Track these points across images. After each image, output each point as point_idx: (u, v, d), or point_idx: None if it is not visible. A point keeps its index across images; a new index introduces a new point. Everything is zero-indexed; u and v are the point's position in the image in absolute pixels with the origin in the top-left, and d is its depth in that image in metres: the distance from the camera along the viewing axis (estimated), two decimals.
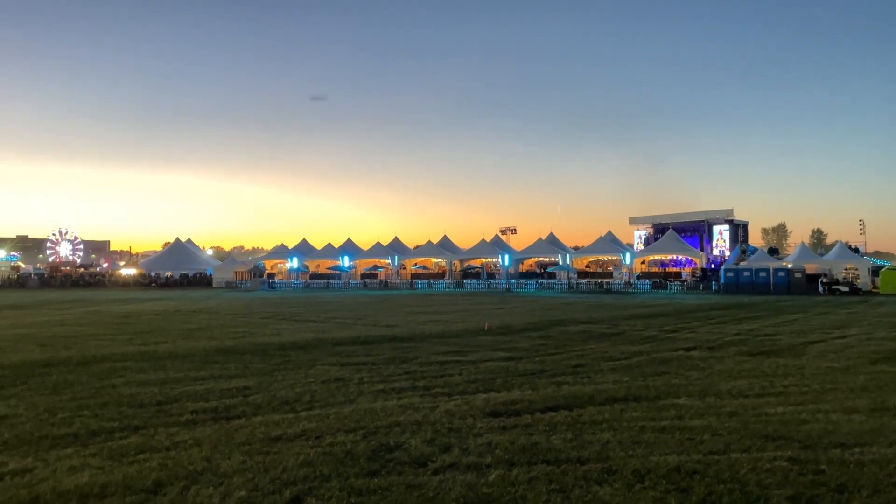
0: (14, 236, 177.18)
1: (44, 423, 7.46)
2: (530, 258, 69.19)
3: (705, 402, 8.52)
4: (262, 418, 7.68)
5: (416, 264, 72.24)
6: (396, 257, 70.49)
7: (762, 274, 48.26)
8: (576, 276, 61.35)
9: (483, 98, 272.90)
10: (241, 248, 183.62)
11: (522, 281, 60.14)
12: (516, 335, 17.22)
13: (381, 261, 71.90)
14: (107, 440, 6.73)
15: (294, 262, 71.68)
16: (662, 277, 58.67)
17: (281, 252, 77.54)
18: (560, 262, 63.58)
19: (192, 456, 6.11)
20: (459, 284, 61.62)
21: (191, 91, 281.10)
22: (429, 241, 73.82)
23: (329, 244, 75.64)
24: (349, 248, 73.46)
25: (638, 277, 58.73)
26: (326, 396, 8.96)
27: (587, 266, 67.87)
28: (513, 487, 5.25)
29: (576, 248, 72.45)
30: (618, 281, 57.66)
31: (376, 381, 10.17)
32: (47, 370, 11.39)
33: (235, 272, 72.16)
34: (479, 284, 60.33)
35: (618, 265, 63.30)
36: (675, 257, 64.29)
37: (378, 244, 74.02)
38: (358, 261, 71.88)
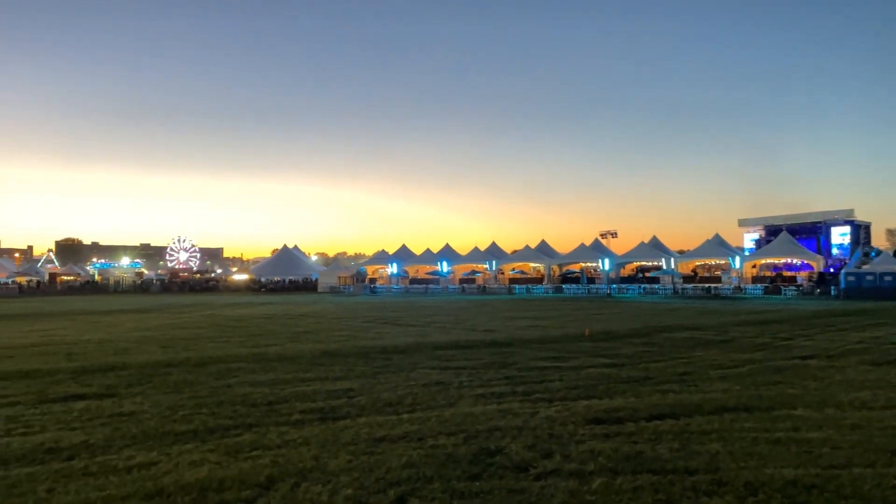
0: (138, 244, 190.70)
1: (166, 420, 7.98)
2: (632, 262, 67.45)
3: (824, 414, 8.01)
4: (366, 419, 7.89)
5: (513, 269, 71.97)
6: (494, 262, 70.48)
7: (887, 278, 44.76)
8: (681, 280, 59.26)
9: (582, 100, 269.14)
10: (345, 253, 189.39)
11: (624, 286, 58.71)
12: (618, 341, 16.82)
13: (479, 266, 72.08)
14: (223, 437, 7.11)
15: (394, 268, 73.13)
16: (775, 282, 55.68)
17: (382, 258, 79.28)
18: (664, 267, 61.60)
19: (301, 454, 6.36)
20: (558, 289, 60.87)
21: (299, 100, 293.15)
22: (526, 246, 73.37)
23: (428, 250, 76.64)
24: (447, 253, 74.13)
25: (750, 282, 56.07)
26: (427, 399, 9.09)
27: (693, 270, 65.39)
28: (617, 496, 5.14)
29: (681, 252, 69.93)
30: (726, 286, 55.19)
31: (476, 385, 10.22)
32: (169, 370, 12.17)
33: (339, 277, 74.33)
34: (578, 289, 59.38)
35: (726, 269, 60.59)
36: (789, 261, 60.83)
37: (476, 249, 74.29)
38: (456, 266, 72.44)
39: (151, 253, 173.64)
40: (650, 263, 64.99)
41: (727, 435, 6.95)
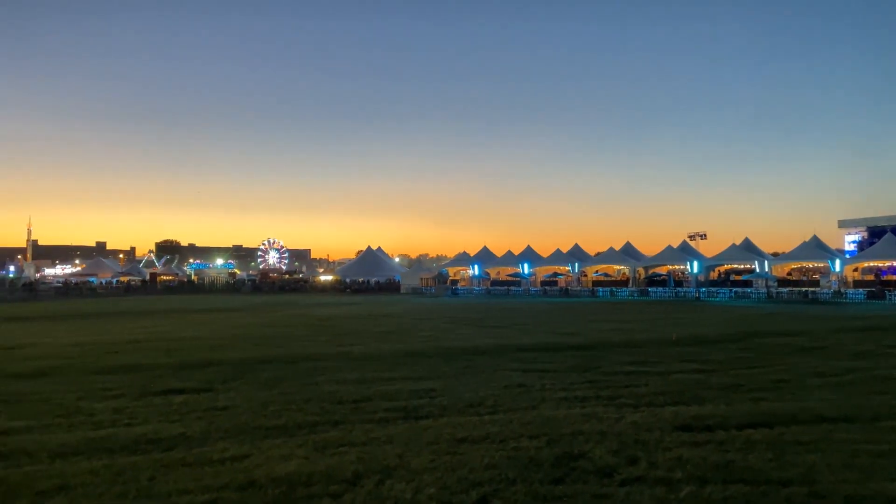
0: (231, 246, 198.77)
1: (258, 415, 8.30)
2: (722, 265, 64.95)
3: None
4: (448, 419, 7.95)
5: (597, 271, 70.63)
6: (577, 264, 69.40)
7: None
8: (775, 284, 56.61)
9: (670, 99, 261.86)
10: (427, 255, 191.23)
11: (714, 289, 56.59)
12: (708, 347, 16.25)
13: (561, 268, 71.13)
14: (311, 433, 7.33)
15: (475, 270, 73.25)
16: (879, 286, 52.32)
17: (463, 259, 79.52)
18: (757, 269, 59.01)
19: (385, 452, 6.48)
20: (644, 292, 59.33)
21: (385, 105, 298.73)
22: (610, 248, 71.92)
23: (509, 251, 76.24)
24: (529, 255, 73.54)
25: (851, 286, 52.91)
26: (509, 401, 9.06)
27: (788, 274, 62.34)
28: None
29: (775, 255, 66.83)
30: (825, 290, 52.29)
31: (558, 388, 10.11)
32: (260, 367, 12.64)
33: (421, 279, 75.07)
34: (665, 292, 57.65)
35: (825, 273, 57.42)
36: (894, 264, 57.10)
37: (558, 251, 73.36)
38: (537, 268, 71.78)
39: (243, 254, 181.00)
40: (741, 266, 62.45)
41: (825, 446, 6.60)
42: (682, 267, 64.30)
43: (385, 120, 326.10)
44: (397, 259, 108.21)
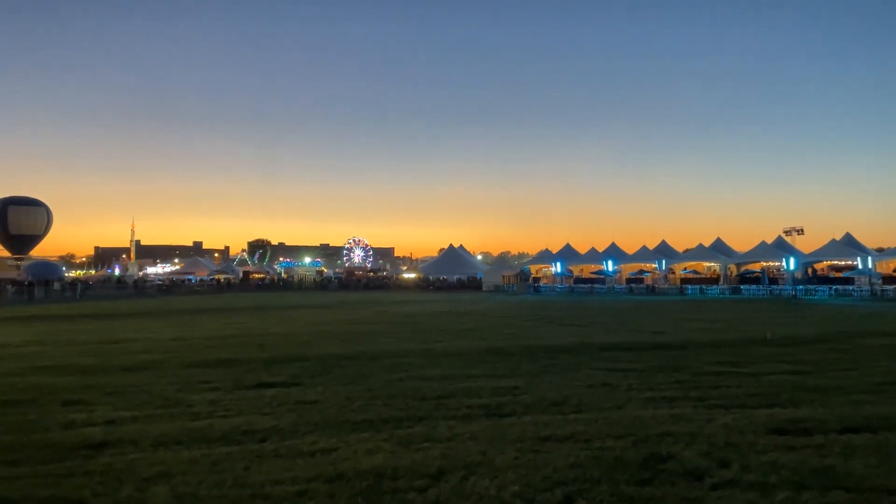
0: (318, 245, 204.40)
1: (344, 409, 8.52)
2: (821, 261, 61.63)
3: None
4: (531, 417, 7.92)
5: (685, 268, 68.48)
6: (664, 261, 67.50)
7: None
8: (880, 281, 53.23)
9: (762, 90, 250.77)
10: (508, 252, 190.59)
11: (812, 287, 53.79)
12: (804, 347, 15.49)
13: (648, 265, 69.40)
14: (396, 428, 7.47)
15: (558, 267, 72.44)
16: None
17: (545, 257, 78.79)
18: (859, 266, 55.68)
19: (468, 448, 6.52)
20: (735, 290, 57.06)
21: (463, 103, 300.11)
22: (700, 244, 69.60)
23: (592, 248, 75.04)
24: (613, 252, 72.12)
25: None
26: (594, 401, 8.94)
27: (895, 270, 58.49)
28: None
29: (879, 250, 62.87)
30: None
31: (644, 388, 9.88)
32: (346, 363, 12.97)
33: (503, 276, 74.91)
34: (758, 290, 55.25)
35: None
36: None
37: (644, 248, 71.60)
38: (623, 265, 70.30)
39: (330, 253, 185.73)
40: (842, 263, 59.11)
41: None
42: (776, 264, 61.51)
43: (468, 121, 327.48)
44: (479, 257, 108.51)
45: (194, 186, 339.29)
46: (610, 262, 68.86)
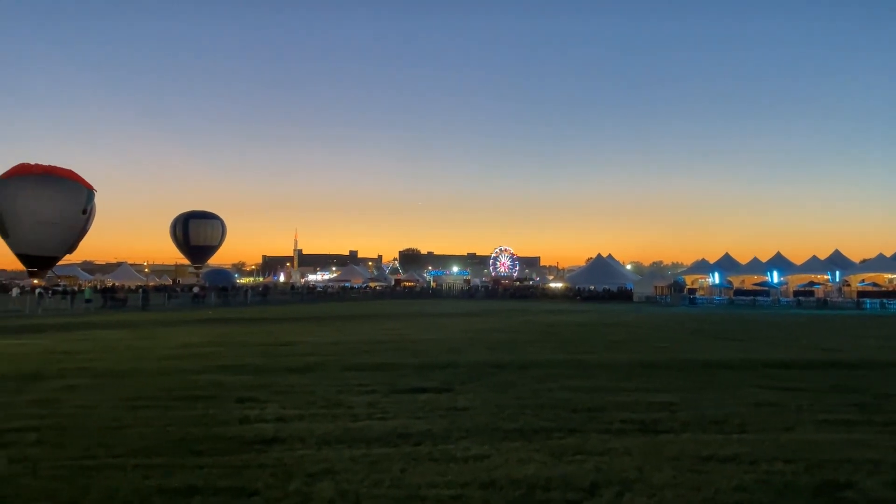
0: (465, 254, 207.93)
1: (495, 417, 8.58)
2: None
3: None
4: (690, 435, 7.57)
5: (863, 280, 62.35)
6: (837, 272, 61.88)
7: None
8: None
9: None
10: (661, 262, 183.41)
11: None
12: None
13: (818, 276, 63.96)
14: (547, 438, 7.41)
15: (715, 278, 68.62)
16: None
17: (701, 267, 74.96)
18: None
19: (623, 463, 6.34)
20: None
21: (614, 110, 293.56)
22: (880, 254, 63.05)
23: (755, 258, 70.35)
24: (778, 262, 67.17)
25: None
26: (759, 421, 8.37)
27: None
28: None
29: None
30: None
31: (817, 409, 9.11)
32: (495, 371, 13.06)
33: (655, 287, 72.15)
34: None
35: None
36: None
37: (814, 258, 66.08)
38: (789, 276, 65.30)
39: (476, 262, 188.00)
40: None
41: None
42: None
43: (616, 124, 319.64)
44: (629, 266, 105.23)
45: (350, 198, 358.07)
46: (775, 273, 64.27)
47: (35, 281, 49.41)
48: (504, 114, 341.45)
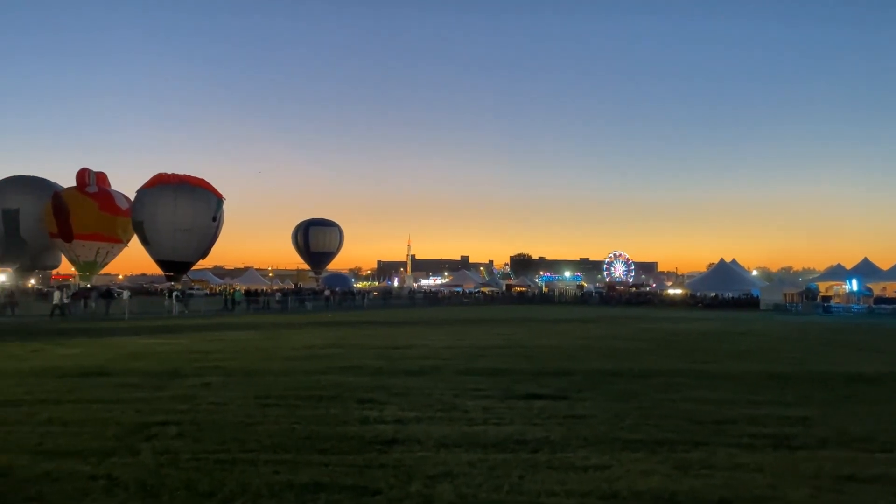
0: (577, 259, 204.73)
1: (614, 427, 8.37)
2: None
3: None
4: (829, 453, 7.07)
5: None
6: None
7: None
8: None
9: None
10: (790, 268, 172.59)
11: None
12: None
13: None
14: (671, 451, 7.14)
15: (853, 284, 63.67)
16: None
17: (837, 273, 69.81)
18: None
19: (755, 480, 6.02)
20: None
21: (734, 110, 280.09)
22: None
23: None
24: None
25: None
26: None
27: None
28: None
29: None
30: None
31: None
32: (613, 379, 12.75)
33: (784, 294, 67.85)
34: None
35: None
36: None
37: None
38: None
39: (590, 267, 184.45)
40: None
41: None
42: None
43: (735, 125, 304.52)
44: (755, 272, 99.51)
45: (462, 203, 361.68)
46: None
47: (174, 284, 53.17)
48: (613, 118, 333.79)
